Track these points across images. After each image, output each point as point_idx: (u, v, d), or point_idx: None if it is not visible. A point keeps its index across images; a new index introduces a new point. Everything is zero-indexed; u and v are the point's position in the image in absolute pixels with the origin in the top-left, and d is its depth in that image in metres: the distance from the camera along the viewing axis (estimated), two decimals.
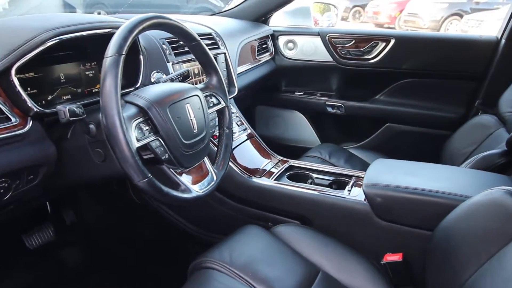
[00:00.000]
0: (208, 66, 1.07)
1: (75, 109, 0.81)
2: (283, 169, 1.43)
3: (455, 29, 8.26)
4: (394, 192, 1.12)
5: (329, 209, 1.23)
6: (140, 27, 0.84)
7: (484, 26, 6.95)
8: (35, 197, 0.99)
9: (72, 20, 0.95)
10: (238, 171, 1.33)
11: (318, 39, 2.08)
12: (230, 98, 1.55)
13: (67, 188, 1.18)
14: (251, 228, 1.16)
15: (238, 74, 1.73)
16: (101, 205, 1.55)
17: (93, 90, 1.11)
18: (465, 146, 1.63)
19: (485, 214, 0.86)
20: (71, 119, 0.80)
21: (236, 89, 1.56)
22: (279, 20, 2.22)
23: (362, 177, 1.31)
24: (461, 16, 8.30)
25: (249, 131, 1.55)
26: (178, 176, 0.92)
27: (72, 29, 0.92)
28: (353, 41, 2.02)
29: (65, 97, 1.03)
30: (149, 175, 0.80)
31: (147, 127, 0.84)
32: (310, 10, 2.18)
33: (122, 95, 0.93)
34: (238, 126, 1.50)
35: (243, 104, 2.26)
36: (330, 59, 2.09)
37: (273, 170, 1.43)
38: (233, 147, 1.42)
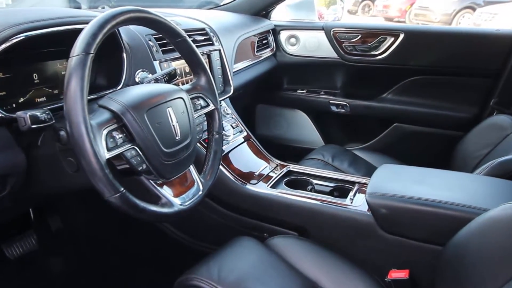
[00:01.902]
0: (195, 65, 0.97)
1: (39, 115, 0.72)
2: (281, 175, 1.34)
3: (468, 22, 8.06)
4: (400, 202, 1.02)
5: (329, 220, 1.14)
6: (113, 22, 0.75)
7: (498, 20, 6.75)
8: (7, 208, 0.91)
9: (41, 15, 0.86)
10: (232, 177, 1.24)
11: (322, 34, 1.97)
12: (225, 98, 1.46)
13: (43, 198, 1.10)
14: (243, 240, 1.07)
15: (235, 71, 1.64)
16: (88, 211, 1.48)
17: None
18: (479, 149, 1.52)
19: (503, 232, 0.77)
20: (33, 126, 0.71)
21: (232, 88, 1.46)
22: (281, 14, 2.12)
23: (366, 184, 1.22)
24: (474, 9, 8.10)
25: (245, 133, 1.45)
26: (158, 188, 0.83)
27: (39, 25, 0.83)
28: (359, 36, 1.91)
29: (39, 99, 0.94)
30: (122, 189, 0.71)
31: (120, 135, 0.75)
32: (314, 3, 2.06)
33: (98, 98, 0.85)
34: (234, 128, 1.40)
35: (242, 103, 2.17)
36: (334, 55, 1.97)
37: (270, 175, 1.33)
38: (228, 150, 1.34)
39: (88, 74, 0.69)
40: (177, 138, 0.84)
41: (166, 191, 0.84)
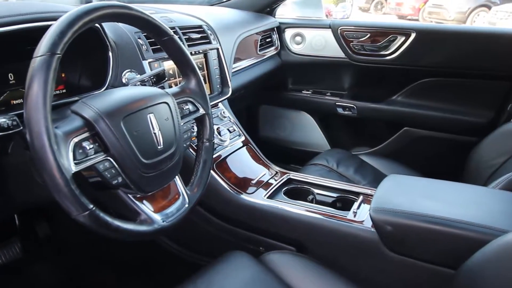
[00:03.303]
0: (184, 66, 0.89)
1: (0, 122, 0.65)
2: (280, 183, 1.25)
3: (482, 21, 7.86)
4: (407, 219, 0.93)
5: (330, 235, 1.05)
6: (86, 19, 0.67)
7: None
8: None
9: (12, 11, 0.78)
10: (226, 186, 1.16)
11: (329, 33, 1.88)
12: (223, 100, 1.37)
13: (17, 209, 1.03)
14: (236, 255, 0.98)
15: (236, 71, 1.56)
16: None
17: (54, 92, 0.95)
18: (494, 157, 1.42)
19: None
20: None
21: (230, 89, 1.38)
22: (287, 11, 2.02)
23: (371, 195, 1.12)
24: (489, 8, 7.90)
25: (243, 137, 1.36)
26: (137, 202, 0.75)
27: (6, 21, 0.75)
28: (368, 35, 1.81)
29: (15, 101, 0.87)
30: (91, 206, 0.64)
31: (92, 145, 0.67)
32: (321, 0, 1.96)
33: (72, 102, 0.77)
34: (231, 132, 1.31)
35: (245, 103, 2.08)
36: (342, 54, 1.88)
37: (268, 183, 1.24)
38: (224, 156, 1.26)
39: (53, 77, 0.61)
40: (159, 147, 0.76)
41: (147, 206, 0.76)
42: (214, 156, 1.22)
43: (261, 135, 2.20)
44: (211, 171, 1.16)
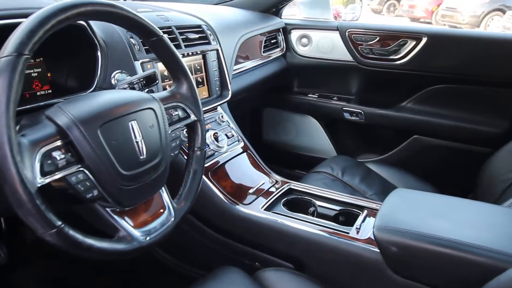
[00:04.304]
0: (174, 69, 0.83)
1: None
2: (279, 193, 1.18)
3: (497, 25, 7.70)
4: (414, 241, 0.85)
5: (330, 253, 0.97)
6: (60, 17, 0.61)
7: None
8: None
9: None
10: (221, 196, 1.09)
11: (336, 35, 1.80)
12: (222, 103, 1.31)
13: None
14: (229, 272, 0.92)
15: (238, 73, 1.50)
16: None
17: (38, 93, 0.89)
18: (509, 170, 1.33)
19: None
20: None
21: (230, 92, 1.31)
22: (294, 11, 1.96)
23: (376, 210, 1.05)
24: (504, 12, 7.74)
25: (242, 143, 1.29)
26: (116, 217, 0.69)
27: None
28: (378, 38, 1.72)
29: None
30: (59, 223, 0.58)
31: (63, 155, 0.61)
32: (329, 1, 1.89)
33: (49, 105, 0.71)
34: (229, 137, 1.24)
35: (247, 106, 2.01)
36: (349, 58, 1.80)
37: (267, 193, 1.17)
38: (220, 163, 1.19)
39: (20, 79, 0.55)
40: (141, 157, 0.69)
41: (127, 221, 0.70)
42: (210, 163, 1.15)
43: (265, 139, 2.13)
44: (206, 179, 1.10)
